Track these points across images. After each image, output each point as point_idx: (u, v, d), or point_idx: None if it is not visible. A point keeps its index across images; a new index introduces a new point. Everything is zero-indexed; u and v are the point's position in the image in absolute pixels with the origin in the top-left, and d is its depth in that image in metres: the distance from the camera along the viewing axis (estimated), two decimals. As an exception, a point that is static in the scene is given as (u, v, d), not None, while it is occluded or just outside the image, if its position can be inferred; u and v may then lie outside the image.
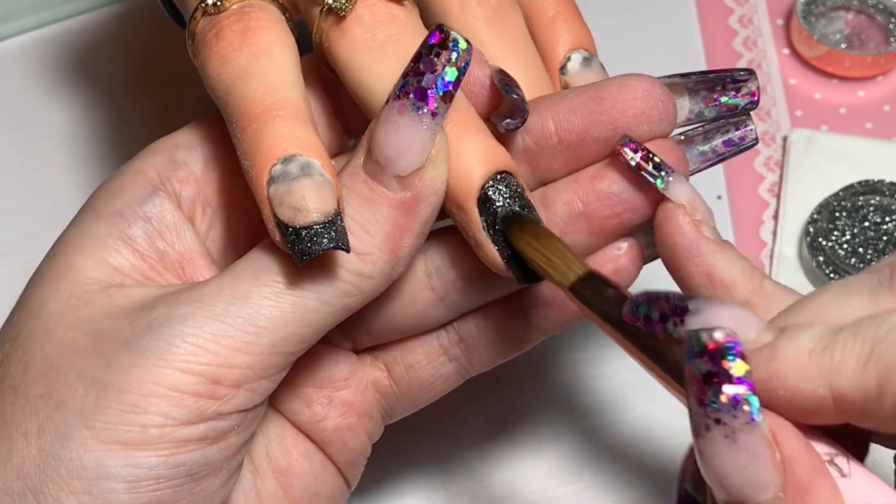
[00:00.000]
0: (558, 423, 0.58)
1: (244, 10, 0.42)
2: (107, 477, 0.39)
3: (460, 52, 0.39)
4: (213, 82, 0.41)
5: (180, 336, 0.39)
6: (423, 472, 0.57)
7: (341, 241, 0.38)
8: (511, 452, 0.58)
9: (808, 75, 0.70)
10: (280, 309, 0.40)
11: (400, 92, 0.40)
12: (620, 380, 0.59)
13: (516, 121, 0.42)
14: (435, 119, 0.39)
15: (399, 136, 0.40)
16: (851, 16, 0.71)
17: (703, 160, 0.46)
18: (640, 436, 0.58)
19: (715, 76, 0.45)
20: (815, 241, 0.61)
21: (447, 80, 0.39)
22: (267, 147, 0.39)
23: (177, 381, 0.39)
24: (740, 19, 0.72)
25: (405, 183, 0.40)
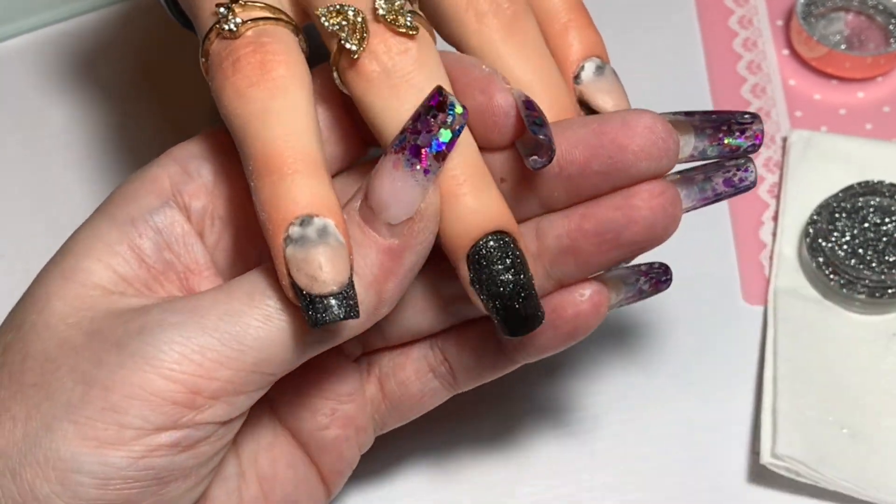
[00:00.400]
0: (558, 424, 0.59)
1: (261, 41, 0.42)
2: (79, 471, 0.41)
3: (456, 115, 0.41)
4: (230, 114, 0.42)
5: (169, 343, 0.41)
6: (420, 474, 0.58)
7: (353, 311, 0.41)
8: (510, 452, 0.58)
9: (807, 76, 0.70)
10: (267, 331, 0.42)
11: (398, 146, 0.42)
12: (623, 381, 0.59)
13: (543, 160, 0.43)
14: (427, 176, 0.41)
15: (392, 187, 0.41)
16: (851, 16, 0.72)
17: (702, 198, 0.46)
18: (639, 437, 0.58)
19: (719, 117, 0.45)
20: (814, 242, 0.61)
21: (441, 141, 0.41)
22: (285, 205, 0.40)
23: (159, 386, 0.41)
24: (740, 20, 0.72)
25: (395, 231, 0.42)
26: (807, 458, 0.54)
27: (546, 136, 0.42)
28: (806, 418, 0.56)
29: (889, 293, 0.59)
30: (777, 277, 0.61)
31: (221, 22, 0.43)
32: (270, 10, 0.43)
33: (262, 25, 0.43)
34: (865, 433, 0.56)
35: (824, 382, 0.57)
